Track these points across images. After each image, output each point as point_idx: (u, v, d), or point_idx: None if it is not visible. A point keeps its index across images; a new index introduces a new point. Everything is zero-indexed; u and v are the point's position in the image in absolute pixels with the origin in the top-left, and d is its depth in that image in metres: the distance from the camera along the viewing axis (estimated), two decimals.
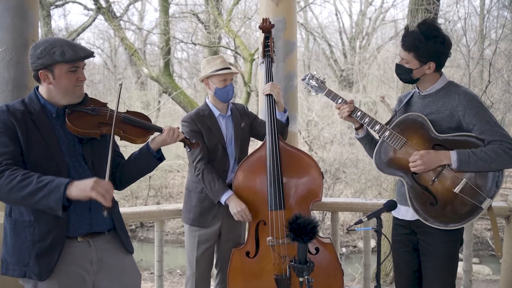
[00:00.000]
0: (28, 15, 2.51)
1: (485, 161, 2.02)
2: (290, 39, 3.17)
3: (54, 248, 1.76)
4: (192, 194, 2.75)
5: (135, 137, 1.92)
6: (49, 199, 1.60)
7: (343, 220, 9.85)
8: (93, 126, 1.85)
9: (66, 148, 1.84)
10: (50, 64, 1.77)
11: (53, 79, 1.80)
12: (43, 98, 1.85)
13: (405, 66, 2.18)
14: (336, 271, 2.62)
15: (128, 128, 1.92)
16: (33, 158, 1.75)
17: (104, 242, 1.92)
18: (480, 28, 10.34)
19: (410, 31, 2.15)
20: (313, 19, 17.11)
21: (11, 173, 1.63)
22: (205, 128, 2.69)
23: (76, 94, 1.85)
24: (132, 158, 2.03)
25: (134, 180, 2.09)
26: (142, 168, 2.04)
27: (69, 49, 1.77)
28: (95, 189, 1.60)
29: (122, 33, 11.10)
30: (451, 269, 2.21)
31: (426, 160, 2.09)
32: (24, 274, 1.76)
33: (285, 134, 2.81)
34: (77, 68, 1.82)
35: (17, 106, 1.80)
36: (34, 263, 1.75)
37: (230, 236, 2.78)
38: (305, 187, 2.65)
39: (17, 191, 1.61)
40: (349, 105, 2.32)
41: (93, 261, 1.88)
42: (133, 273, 2.02)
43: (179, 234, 10.96)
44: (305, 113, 12.58)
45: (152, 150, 1.98)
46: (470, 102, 2.10)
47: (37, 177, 1.63)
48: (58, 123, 1.85)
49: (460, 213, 2.10)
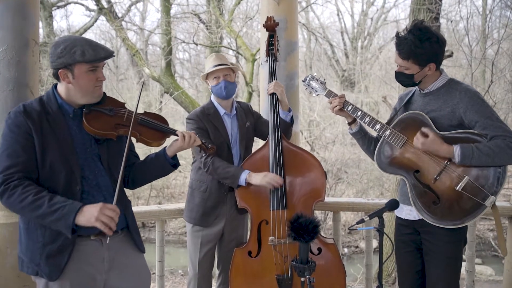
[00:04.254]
0: (29, 15, 2.51)
1: (488, 156, 2.01)
2: (291, 39, 3.16)
3: (64, 250, 1.77)
4: (195, 193, 2.73)
5: (151, 140, 1.92)
6: (58, 224, 1.67)
7: (345, 220, 9.83)
8: (110, 127, 1.85)
9: (81, 148, 1.84)
10: (70, 63, 1.76)
11: (72, 79, 1.79)
12: (60, 97, 1.85)
13: (406, 73, 2.17)
14: (338, 271, 2.61)
15: (144, 130, 1.92)
16: (48, 160, 1.76)
17: (117, 241, 1.91)
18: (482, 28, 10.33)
19: (403, 38, 2.12)
20: (315, 19, 17.16)
21: (23, 191, 1.67)
22: (211, 127, 2.67)
23: (95, 94, 1.85)
24: (148, 161, 2.03)
25: (147, 181, 2.11)
26: (157, 172, 2.05)
27: (89, 49, 1.76)
28: (99, 219, 1.65)
29: (124, 34, 11.10)
30: (455, 269, 2.19)
31: (429, 143, 2.07)
32: (36, 272, 1.79)
33: (289, 134, 2.79)
34: (96, 68, 1.82)
35: (35, 106, 1.81)
36: (45, 264, 1.76)
37: (233, 236, 2.77)
38: (308, 187, 2.64)
39: (28, 211, 1.68)
40: (340, 99, 2.32)
41: (105, 259, 1.87)
42: (144, 273, 2.03)
43: (181, 234, 10.96)
44: (306, 113, 12.57)
45: (168, 156, 1.98)
46: (471, 99, 2.08)
47: (49, 200, 1.66)
48: (75, 123, 1.85)
49: (464, 211, 2.08)
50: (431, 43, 2.09)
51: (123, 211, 1.90)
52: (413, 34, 2.09)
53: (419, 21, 2.15)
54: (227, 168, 2.60)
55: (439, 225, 2.10)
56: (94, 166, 1.85)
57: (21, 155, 1.72)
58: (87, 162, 1.84)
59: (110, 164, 1.89)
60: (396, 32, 2.17)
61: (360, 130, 2.40)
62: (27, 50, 2.50)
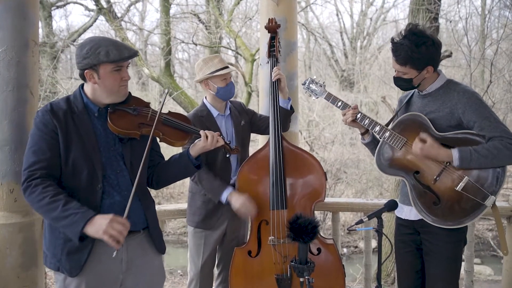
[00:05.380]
0: (29, 15, 2.51)
1: (487, 158, 2.02)
2: (290, 39, 3.17)
3: (84, 247, 1.79)
4: (196, 197, 2.74)
5: (174, 140, 1.94)
6: (67, 229, 1.71)
7: (344, 221, 9.83)
8: (133, 126, 1.87)
9: (105, 147, 1.86)
10: (95, 64, 1.80)
11: (98, 79, 1.83)
12: (86, 96, 1.89)
13: (404, 78, 2.19)
14: (337, 272, 2.61)
15: (168, 130, 1.94)
16: (71, 158, 1.79)
17: (137, 242, 1.93)
18: (481, 28, 10.35)
19: (399, 44, 2.12)
20: (314, 19, 17.15)
21: (42, 191, 1.70)
22: (205, 129, 2.67)
23: (120, 94, 1.88)
24: (172, 161, 2.05)
25: (170, 182, 2.12)
26: (180, 172, 2.07)
27: (113, 49, 1.80)
28: (107, 232, 1.65)
29: (123, 34, 11.11)
30: (455, 269, 2.20)
31: (427, 148, 2.07)
32: (57, 268, 1.83)
33: (288, 123, 2.83)
34: (121, 68, 1.85)
35: (61, 105, 1.84)
36: (65, 260, 1.80)
37: (234, 235, 2.78)
38: (308, 187, 2.64)
39: (44, 212, 1.73)
40: (354, 110, 2.32)
41: (123, 260, 1.89)
42: (160, 274, 2.05)
43: (180, 235, 10.96)
44: (306, 113, 12.57)
45: (192, 157, 2.00)
46: (469, 100, 2.09)
47: (63, 204, 1.69)
48: (100, 122, 1.88)
49: (464, 211, 2.09)
50: (427, 47, 2.10)
51: (144, 211, 1.93)
52: (409, 39, 2.10)
53: (413, 25, 2.15)
54: (210, 182, 2.61)
55: (439, 226, 2.11)
56: (116, 165, 1.88)
57: (46, 152, 1.76)
58: (110, 161, 1.86)
59: (133, 163, 1.91)
60: (391, 38, 2.18)
61: (374, 140, 2.41)
62: (26, 50, 2.50)
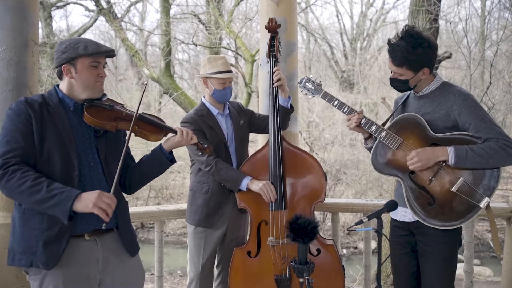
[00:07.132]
0: (28, 15, 2.51)
1: (482, 157, 2.03)
2: (290, 40, 3.17)
3: (62, 236, 1.78)
4: (197, 195, 2.74)
5: (149, 133, 1.95)
6: (56, 209, 1.68)
7: (343, 221, 9.83)
8: (110, 119, 1.89)
9: (80, 140, 1.87)
10: (73, 57, 1.83)
11: (75, 73, 1.86)
12: (62, 92, 1.90)
13: (400, 79, 2.20)
14: (337, 272, 2.61)
15: (143, 124, 1.96)
16: (46, 148, 1.79)
17: (111, 241, 1.93)
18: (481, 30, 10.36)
19: (396, 46, 2.13)
20: (314, 20, 17.15)
21: (22, 175, 1.68)
22: (207, 127, 2.69)
23: (96, 89, 1.90)
24: (144, 159, 2.06)
25: (143, 182, 2.10)
26: (154, 169, 2.06)
27: (92, 44, 1.85)
28: (97, 204, 1.68)
29: (123, 34, 11.10)
30: (450, 270, 2.20)
31: (423, 157, 2.10)
32: (30, 263, 1.78)
33: (287, 121, 2.85)
34: (98, 64, 1.88)
35: (36, 98, 1.86)
36: (42, 251, 1.76)
37: (234, 236, 2.78)
38: (308, 188, 2.64)
39: (26, 196, 1.68)
40: (359, 116, 2.32)
41: (99, 260, 1.88)
42: (137, 272, 2.04)
43: (180, 235, 10.95)
44: (306, 114, 12.57)
45: (165, 150, 2.01)
46: (465, 101, 2.10)
47: (47, 185, 1.68)
48: (75, 116, 1.89)
49: (458, 212, 2.10)
50: (423, 48, 2.11)
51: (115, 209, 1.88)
52: (405, 41, 2.11)
53: (410, 26, 2.17)
54: (229, 171, 2.61)
55: (434, 226, 2.11)
56: (91, 158, 1.88)
57: (19, 141, 1.75)
58: (84, 153, 1.87)
59: (108, 158, 1.92)
60: (388, 40, 2.19)
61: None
62: (26, 50, 2.50)
